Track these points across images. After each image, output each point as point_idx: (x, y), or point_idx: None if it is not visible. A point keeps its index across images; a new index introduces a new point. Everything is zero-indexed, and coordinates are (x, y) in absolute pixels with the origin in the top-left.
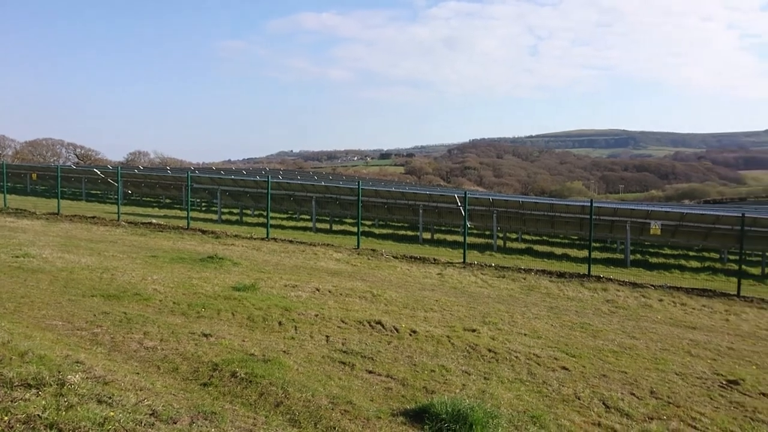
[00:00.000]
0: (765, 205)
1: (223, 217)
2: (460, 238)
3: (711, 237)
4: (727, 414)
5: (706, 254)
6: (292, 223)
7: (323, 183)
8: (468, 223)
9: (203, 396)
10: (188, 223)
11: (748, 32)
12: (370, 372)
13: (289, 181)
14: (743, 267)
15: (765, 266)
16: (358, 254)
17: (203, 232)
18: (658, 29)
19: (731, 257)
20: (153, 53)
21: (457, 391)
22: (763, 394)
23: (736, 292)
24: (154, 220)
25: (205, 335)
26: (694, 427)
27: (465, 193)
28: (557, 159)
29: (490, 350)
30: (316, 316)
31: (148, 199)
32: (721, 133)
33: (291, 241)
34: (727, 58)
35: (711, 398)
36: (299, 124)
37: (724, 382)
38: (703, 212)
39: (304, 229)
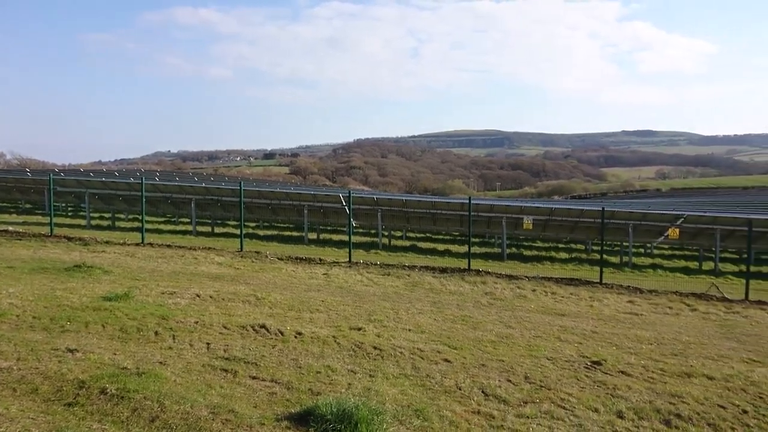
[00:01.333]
0: (623, 200)
1: (93, 222)
2: (345, 238)
3: (577, 230)
4: (592, 393)
5: (573, 246)
6: (170, 227)
7: (203, 184)
8: (353, 222)
9: (67, 417)
10: (51, 230)
11: (607, 42)
12: (254, 378)
13: (166, 182)
14: (605, 257)
15: (623, 255)
16: (242, 257)
17: (69, 238)
18: (530, 36)
19: (595, 248)
20: (7, 43)
21: (343, 390)
22: (622, 372)
23: (599, 280)
24: (10, 227)
25: (71, 351)
26: (563, 408)
27: (349, 193)
28: (439, 158)
29: (375, 347)
30: (197, 323)
31: (5, 204)
32: (584, 134)
33: (169, 246)
34: (590, 65)
35: (578, 379)
36: (177, 124)
37: (589, 364)
38: (570, 207)
39: (184, 232)
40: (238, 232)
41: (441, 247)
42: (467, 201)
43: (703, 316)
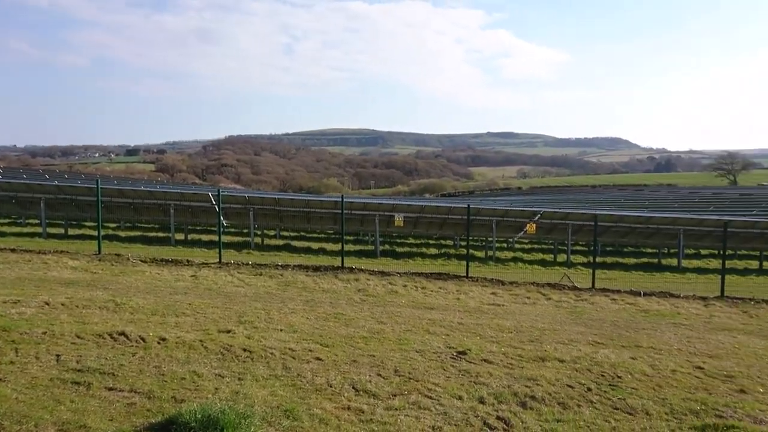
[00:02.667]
0: (488, 197)
1: None
2: (216, 238)
3: (446, 226)
4: (457, 381)
5: (443, 242)
6: (16, 229)
7: (55, 182)
8: (224, 222)
9: None
10: None
11: (473, 47)
12: (111, 389)
13: (10, 180)
14: (471, 251)
15: (488, 250)
16: (100, 260)
17: None
18: (401, 38)
19: (462, 243)
20: None
21: (209, 395)
22: (485, 360)
23: (465, 274)
24: None
25: None
26: (430, 397)
27: (219, 191)
28: (314, 156)
29: (245, 350)
30: (45, 333)
31: None
32: (453, 134)
33: (14, 250)
34: (458, 68)
35: (444, 369)
36: (23, 116)
37: (454, 354)
38: (439, 204)
39: (32, 235)
40: (95, 233)
41: (315, 245)
42: (341, 199)
43: (556, 304)
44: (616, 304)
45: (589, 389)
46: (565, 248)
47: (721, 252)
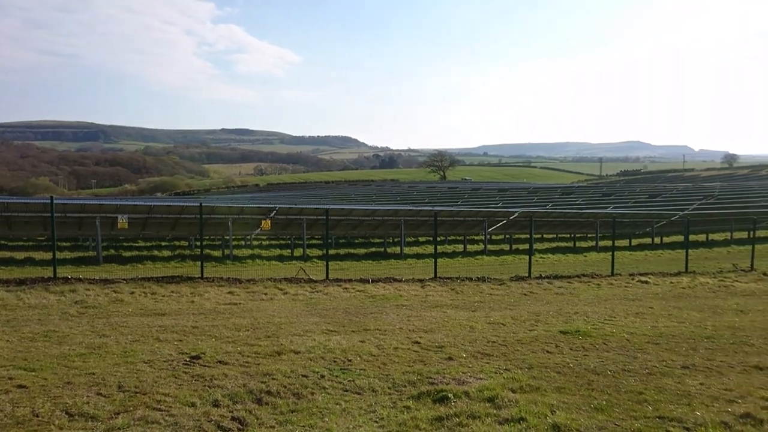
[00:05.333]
0: (226, 195)
1: None
2: None
3: (179, 226)
4: (189, 388)
5: (177, 243)
6: None
7: None
8: None
9: None
10: None
11: (204, 41)
12: None
13: None
14: (207, 251)
15: (224, 248)
16: None
17: None
18: (124, 24)
19: (198, 243)
20: None
21: None
22: (220, 362)
23: (200, 275)
24: None
25: None
26: (159, 410)
27: None
28: (17, 152)
29: None
30: None
31: None
32: (186, 130)
33: None
34: (189, 61)
35: (176, 377)
36: None
37: (188, 359)
38: (170, 204)
39: None
40: None
41: (20, 255)
42: (50, 201)
43: (293, 298)
44: (348, 293)
45: (323, 376)
46: (302, 242)
47: (433, 238)
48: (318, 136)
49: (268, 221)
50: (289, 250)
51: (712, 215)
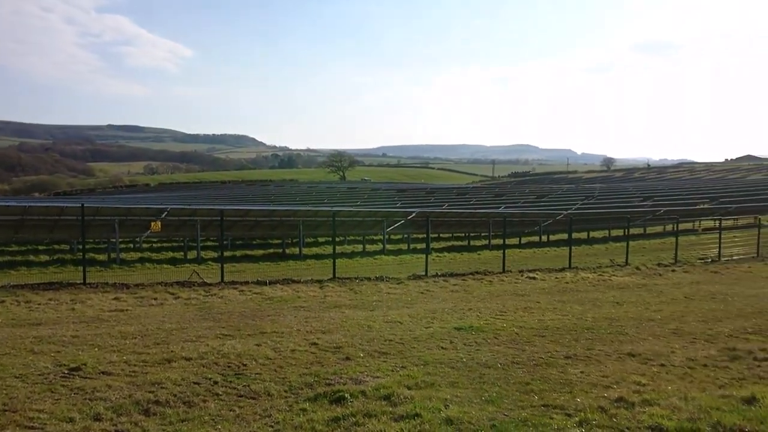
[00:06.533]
0: (113, 195)
1: None
2: None
3: (58, 229)
4: (68, 402)
5: (57, 247)
6: None
7: None
8: None
9: None
10: None
11: (88, 31)
12: None
13: None
14: (91, 255)
15: (110, 252)
16: None
17: None
18: None
19: (81, 247)
20: None
21: None
22: (103, 372)
23: (82, 281)
24: None
25: None
26: (32, 428)
27: None
28: None
29: None
30: None
31: None
32: (67, 125)
33: None
34: (70, 52)
35: (53, 391)
36: None
37: (66, 372)
38: (48, 205)
39: None
40: None
41: None
42: None
43: (185, 302)
44: (244, 295)
45: (216, 382)
46: (195, 245)
47: (332, 239)
48: (213, 135)
49: (159, 223)
50: (183, 253)
51: (593, 214)
